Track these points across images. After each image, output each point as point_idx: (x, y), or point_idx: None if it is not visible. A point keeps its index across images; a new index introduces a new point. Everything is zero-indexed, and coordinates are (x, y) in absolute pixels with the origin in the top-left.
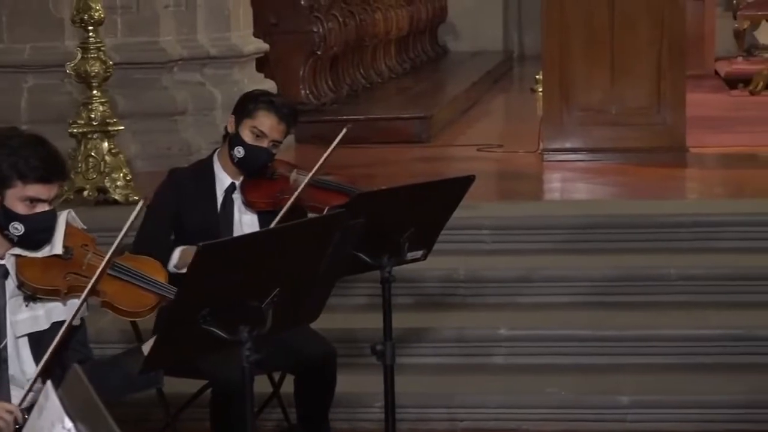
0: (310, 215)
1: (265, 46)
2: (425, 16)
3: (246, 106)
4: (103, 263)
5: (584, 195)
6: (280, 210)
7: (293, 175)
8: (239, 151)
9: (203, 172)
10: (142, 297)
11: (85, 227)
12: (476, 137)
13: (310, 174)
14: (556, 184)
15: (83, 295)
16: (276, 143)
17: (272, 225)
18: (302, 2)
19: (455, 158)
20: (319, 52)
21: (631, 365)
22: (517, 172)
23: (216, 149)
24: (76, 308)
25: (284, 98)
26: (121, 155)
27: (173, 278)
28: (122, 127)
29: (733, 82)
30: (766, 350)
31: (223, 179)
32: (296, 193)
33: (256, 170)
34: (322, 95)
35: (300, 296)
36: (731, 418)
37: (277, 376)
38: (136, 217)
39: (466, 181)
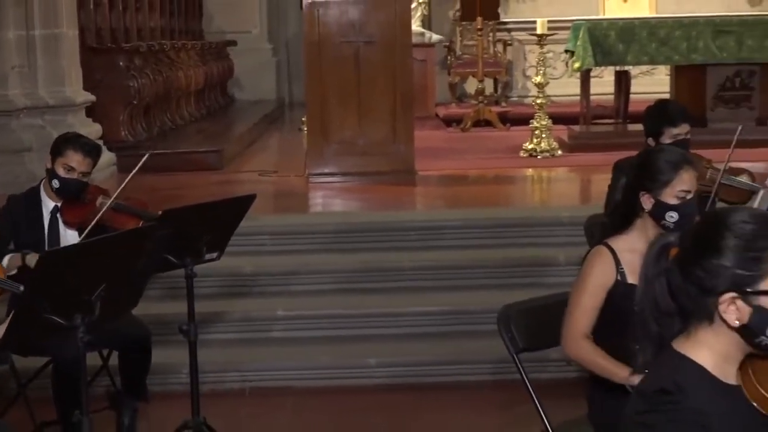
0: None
1: (92, 97)
2: (217, 73)
3: (58, 146)
4: None
5: (340, 208)
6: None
7: (99, 200)
8: (56, 183)
9: (33, 198)
10: None
11: None
12: (257, 165)
13: (111, 199)
14: (319, 200)
15: None
16: (85, 174)
17: (77, 242)
18: (121, 63)
19: (242, 182)
20: (135, 102)
21: (377, 335)
22: (289, 192)
23: (42, 179)
24: None
25: (88, 138)
26: None
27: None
28: None
29: (449, 121)
30: (473, 321)
31: (48, 203)
32: (97, 217)
33: (72, 197)
34: (138, 135)
35: (122, 290)
36: (450, 372)
37: (105, 352)
38: None
39: (249, 199)
